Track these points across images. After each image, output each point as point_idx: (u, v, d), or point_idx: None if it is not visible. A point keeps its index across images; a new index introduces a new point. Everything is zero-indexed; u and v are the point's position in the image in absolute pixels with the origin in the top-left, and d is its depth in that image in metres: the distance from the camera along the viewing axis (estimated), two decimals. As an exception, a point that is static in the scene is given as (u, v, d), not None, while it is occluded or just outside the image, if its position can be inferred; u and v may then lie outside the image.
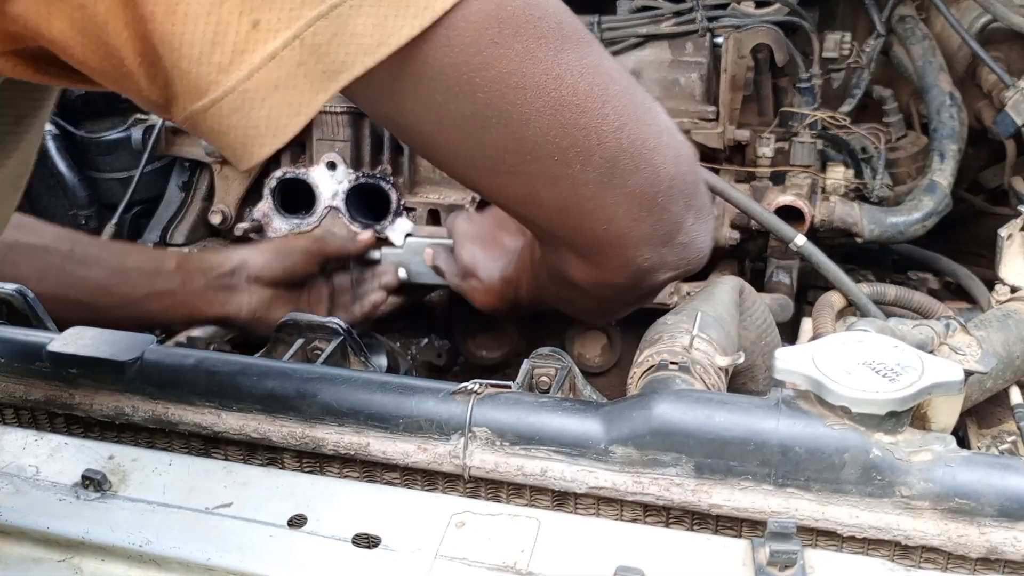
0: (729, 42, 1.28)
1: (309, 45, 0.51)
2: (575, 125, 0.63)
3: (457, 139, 0.63)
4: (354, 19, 0.52)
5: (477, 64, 0.58)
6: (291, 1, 0.50)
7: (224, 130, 0.53)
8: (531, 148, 0.63)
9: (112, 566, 0.66)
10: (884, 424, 0.60)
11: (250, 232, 1.48)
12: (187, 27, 0.49)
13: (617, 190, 0.66)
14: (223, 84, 0.51)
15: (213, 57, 0.50)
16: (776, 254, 1.34)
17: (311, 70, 0.52)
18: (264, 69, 0.51)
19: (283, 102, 0.52)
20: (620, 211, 0.68)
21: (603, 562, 0.60)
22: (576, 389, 0.80)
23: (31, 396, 0.79)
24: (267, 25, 0.50)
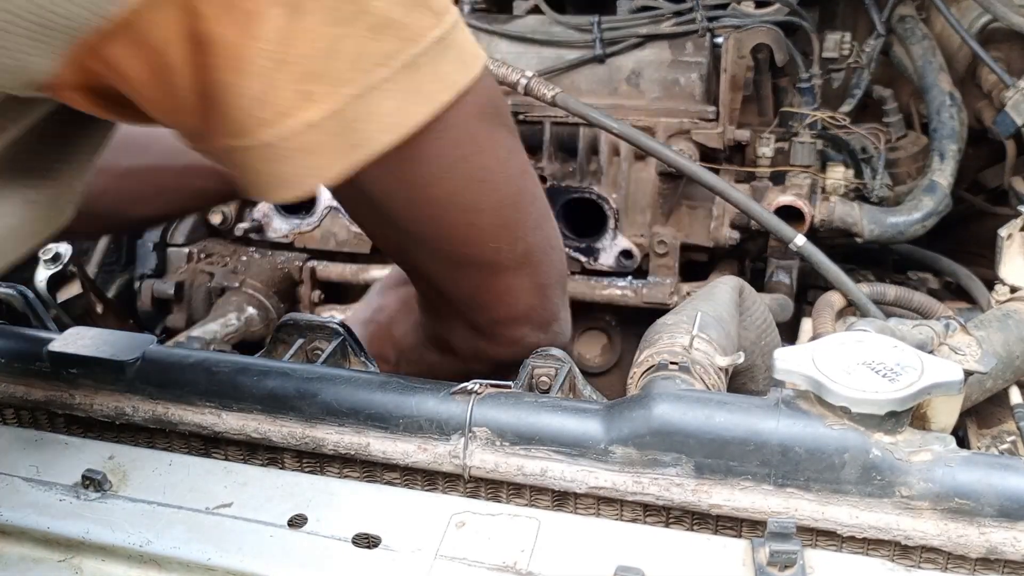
0: (729, 42, 1.28)
1: (345, 119, 0.57)
2: (512, 219, 0.72)
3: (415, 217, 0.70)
4: (382, 101, 0.58)
5: (458, 156, 0.66)
6: (337, 78, 0.56)
7: (250, 170, 0.59)
8: (475, 235, 0.71)
9: (112, 566, 0.66)
10: (884, 424, 0.60)
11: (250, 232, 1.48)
12: (243, 81, 0.54)
13: (525, 278, 0.75)
14: (261, 137, 0.56)
15: (259, 112, 0.55)
16: (776, 254, 1.34)
17: (342, 141, 0.58)
18: (303, 134, 0.56)
19: (310, 164, 0.58)
20: (523, 296, 0.76)
21: (603, 562, 0.60)
22: (576, 389, 0.80)
23: (31, 396, 0.79)
24: (316, 97, 0.56)
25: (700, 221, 1.35)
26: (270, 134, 0.56)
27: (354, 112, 0.57)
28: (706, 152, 1.31)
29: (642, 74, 1.35)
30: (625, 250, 1.35)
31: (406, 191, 0.67)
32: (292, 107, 0.55)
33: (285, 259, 1.50)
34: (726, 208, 1.30)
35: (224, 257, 1.51)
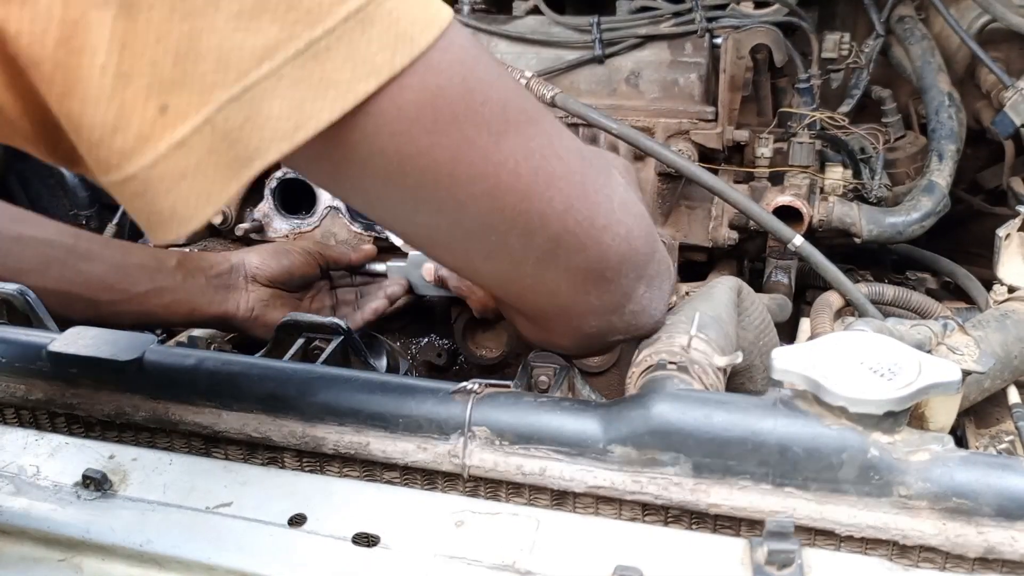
0: (728, 43, 1.28)
1: (221, 130, 0.47)
2: (515, 209, 0.61)
3: (389, 217, 0.62)
4: (268, 102, 0.48)
5: (409, 152, 0.55)
6: (201, 83, 0.46)
7: (131, 208, 0.50)
8: (466, 229, 0.61)
9: (112, 565, 0.66)
10: (882, 424, 0.61)
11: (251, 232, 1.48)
12: (86, 110, 0.45)
13: (560, 267, 0.65)
14: (125, 169, 0.47)
15: (115, 143, 0.46)
16: (775, 254, 1.34)
17: (222, 157, 0.48)
18: (171, 158, 0.47)
19: (191, 191, 0.48)
20: (563, 285, 0.67)
21: (602, 561, 0.60)
22: (575, 389, 0.80)
23: (32, 396, 0.79)
24: (176, 109, 0.46)
25: (699, 221, 1.35)
26: (133, 165, 0.47)
27: (230, 120, 0.47)
28: (705, 152, 1.31)
29: (641, 75, 1.35)
30: (624, 250, 1.35)
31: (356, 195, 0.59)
32: (151, 127, 0.46)
33: (285, 259, 1.50)
34: (725, 208, 1.30)
35: (224, 257, 1.51)
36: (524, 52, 1.40)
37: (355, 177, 0.56)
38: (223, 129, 0.47)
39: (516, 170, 0.59)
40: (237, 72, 0.47)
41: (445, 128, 0.55)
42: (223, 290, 1.13)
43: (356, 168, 0.55)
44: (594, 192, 0.65)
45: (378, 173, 0.56)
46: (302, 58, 0.48)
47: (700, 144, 1.30)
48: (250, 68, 0.47)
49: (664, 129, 1.32)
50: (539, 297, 0.67)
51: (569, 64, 1.37)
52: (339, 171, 0.56)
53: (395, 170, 0.55)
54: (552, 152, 0.62)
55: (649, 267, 0.72)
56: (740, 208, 1.19)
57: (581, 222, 0.64)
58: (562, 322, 0.71)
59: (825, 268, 1.13)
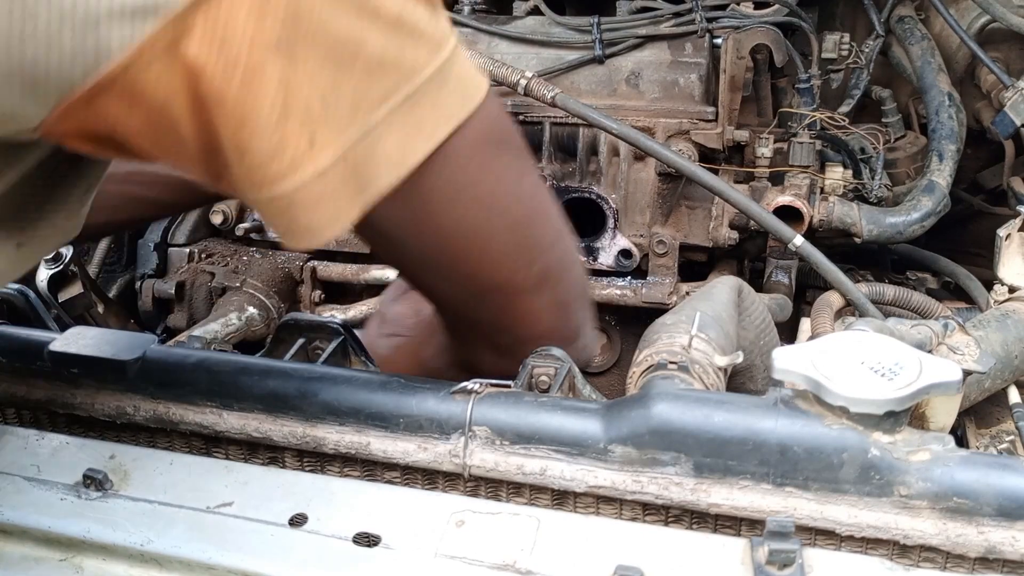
0: (728, 43, 1.28)
1: (351, 164, 0.57)
2: (526, 241, 0.71)
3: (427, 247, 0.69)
4: (384, 139, 0.58)
5: (465, 183, 0.66)
6: (339, 122, 0.56)
7: (273, 219, 0.59)
8: (489, 259, 0.70)
9: (113, 565, 0.66)
10: (882, 424, 0.61)
11: (251, 232, 1.49)
12: (254, 139, 0.53)
13: (546, 297, 0.74)
14: (274, 189, 0.56)
15: (271, 167, 0.55)
16: (775, 254, 1.34)
17: (351, 186, 0.58)
18: (313, 184, 0.56)
19: (325, 212, 0.58)
20: (544, 316, 0.75)
21: (602, 561, 0.60)
22: (576, 388, 0.80)
23: (32, 396, 0.79)
24: (320, 143, 0.55)
25: (699, 221, 1.35)
26: (283, 187, 0.56)
27: (359, 154, 0.57)
28: (705, 152, 1.31)
29: (641, 75, 1.35)
30: (624, 250, 1.35)
31: (415, 223, 0.67)
32: (301, 157, 0.55)
33: (286, 259, 1.50)
34: (725, 208, 1.31)
35: (225, 257, 1.51)
36: (524, 52, 1.40)
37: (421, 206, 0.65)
38: (353, 163, 0.57)
39: (531, 204, 0.71)
40: (365, 115, 0.57)
41: (491, 162, 0.67)
42: None
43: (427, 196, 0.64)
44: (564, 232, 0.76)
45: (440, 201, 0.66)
46: (407, 104, 0.58)
47: (700, 144, 1.31)
48: (373, 112, 0.57)
49: (664, 129, 1.32)
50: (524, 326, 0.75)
51: (569, 64, 1.37)
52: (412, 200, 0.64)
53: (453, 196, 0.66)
54: (545, 192, 0.75)
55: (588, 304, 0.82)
56: (740, 208, 1.19)
57: (560, 257, 0.75)
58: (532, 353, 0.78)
59: (825, 268, 1.13)
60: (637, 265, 1.36)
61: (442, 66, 0.60)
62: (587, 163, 1.35)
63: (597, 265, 1.36)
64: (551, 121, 1.34)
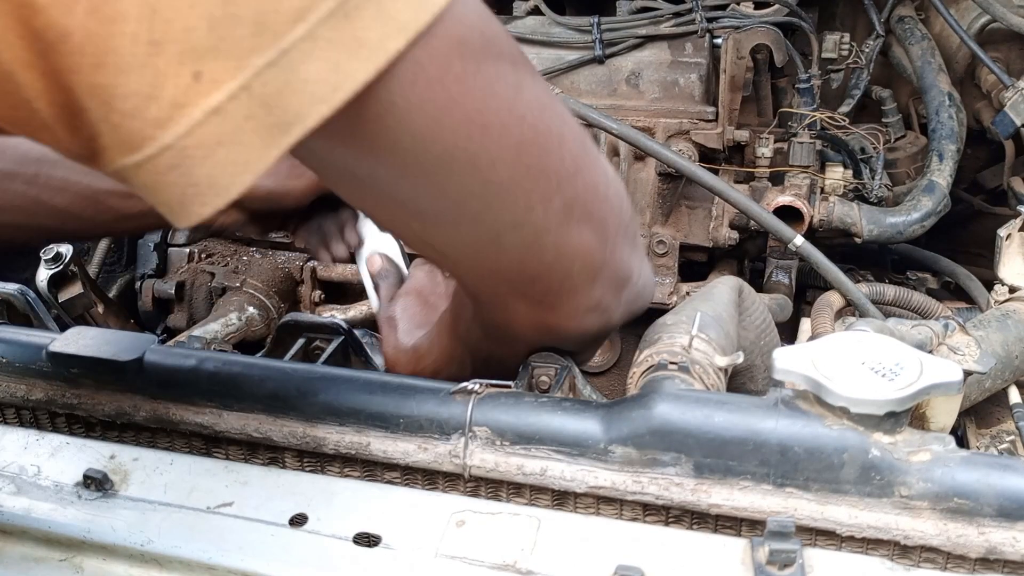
0: (728, 43, 1.28)
1: (258, 96, 0.46)
2: (538, 167, 0.60)
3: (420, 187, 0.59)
4: (305, 65, 0.47)
5: (443, 102, 0.54)
6: (238, 48, 0.45)
7: (160, 187, 0.48)
8: (496, 192, 0.60)
9: (113, 565, 0.66)
10: (883, 424, 0.61)
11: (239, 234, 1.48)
12: (119, 79, 0.44)
13: (575, 235, 0.64)
14: (160, 140, 0.46)
15: (149, 111, 0.45)
16: (775, 254, 1.34)
17: (261, 123, 0.47)
18: (207, 124, 0.46)
19: (228, 159, 0.47)
20: (578, 256, 0.66)
21: (603, 561, 0.60)
22: (576, 389, 0.80)
23: (32, 396, 0.79)
24: (211, 76, 0.45)
25: (699, 221, 1.35)
26: (167, 135, 0.45)
27: (269, 84, 0.46)
28: (705, 152, 1.31)
29: (641, 75, 1.35)
30: (625, 250, 1.35)
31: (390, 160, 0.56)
32: (185, 94, 0.45)
33: (286, 259, 1.50)
34: (725, 208, 1.31)
35: (225, 257, 1.51)
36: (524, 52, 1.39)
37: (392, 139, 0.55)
38: (261, 94, 0.47)
39: (535, 125, 0.59)
40: (273, 35, 0.46)
41: (473, 76, 0.54)
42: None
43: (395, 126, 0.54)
44: (593, 159, 0.65)
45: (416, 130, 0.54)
46: (334, 18, 0.47)
47: (700, 144, 1.31)
48: (286, 31, 0.46)
49: (664, 129, 1.32)
50: (555, 271, 0.66)
51: (569, 64, 1.37)
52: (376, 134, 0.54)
53: (433, 123, 0.54)
54: (557, 112, 0.62)
55: (639, 241, 0.72)
56: (741, 208, 1.19)
57: (587, 186, 0.64)
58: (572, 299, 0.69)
59: (826, 268, 1.13)
60: (637, 265, 1.36)
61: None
62: (587, 163, 1.35)
63: (597, 265, 1.36)
64: (551, 121, 1.34)
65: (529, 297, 0.69)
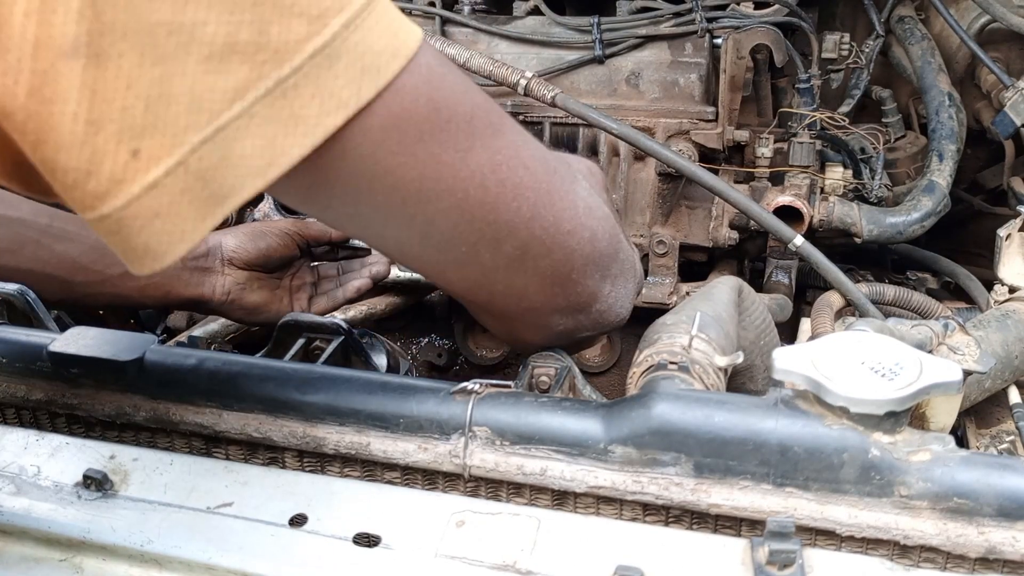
0: (728, 43, 1.28)
1: (194, 171, 0.49)
2: (484, 220, 0.62)
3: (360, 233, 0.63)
4: (240, 141, 0.49)
5: (376, 172, 0.56)
6: (174, 126, 0.47)
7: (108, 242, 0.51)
8: (436, 243, 0.63)
9: (113, 565, 0.66)
10: (883, 424, 0.61)
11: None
12: (59, 155, 0.46)
13: (528, 272, 0.67)
14: (99, 210, 0.48)
15: (88, 185, 0.47)
16: (775, 254, 1.34)
17: (196, 196, 0.49)
18: (144, 198, 0.48)
19: (164, 229, 0.50)
20: (531, 289, 0.68)
21: (603, 561, 0.60)
22: (576, 389, 0.80)
23: (32, 396, 0.79)
24: (148, 153, 0.47)
25: (699, 221, 1.35)
26: (107, 207, 0.48)
27: (204, 161, 0.48)
28: (705, 152, 1.31)
29: (641, 75, 1.35)
30: (625, 250, 1.35)
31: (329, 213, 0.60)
32: (123, 171, 0.47)
33: (285, 259, 1.50)
34: (725, 208, 1.31)
35: (224, 257, 1.51)
36: (524, 52, 1.40)
37: (326, 200, 0.58)
38: (196, 169, 0.48)
39: (483, 183, 0.61)
40: (209, 114, 0.48)
41: (411, 148, 0.56)
42: (199, 273, 1.10)
43: (326, 192, 0.57)
44: (559, 198, 0.67)
45: (348, 195, 0.57)
46: (271, 96, 0.49)
47: (700, 144, 1.30)
48: (222, 109, 0.48)
49: (664, 129, 1.32)
50: (508, 300, 0.69)
51: (569, 64, 1.37)
52: (311, 196, 0.57)
53: (364, 189, 0.57)
54: (518, 162, 0.63)
55: (613, 267, 0.74)
56: (740, 208, 1.19)
57: (547, 228, 0.66)
58: (530, 322, 0.72)
59: (826, 268, 1.13)
60: (637, 265, 1.36)
61: (332, 40, 0.50)
62: (587, 163, 1.35)
63: (597, 265, 1.36)
64: (551, 121, 1.34)
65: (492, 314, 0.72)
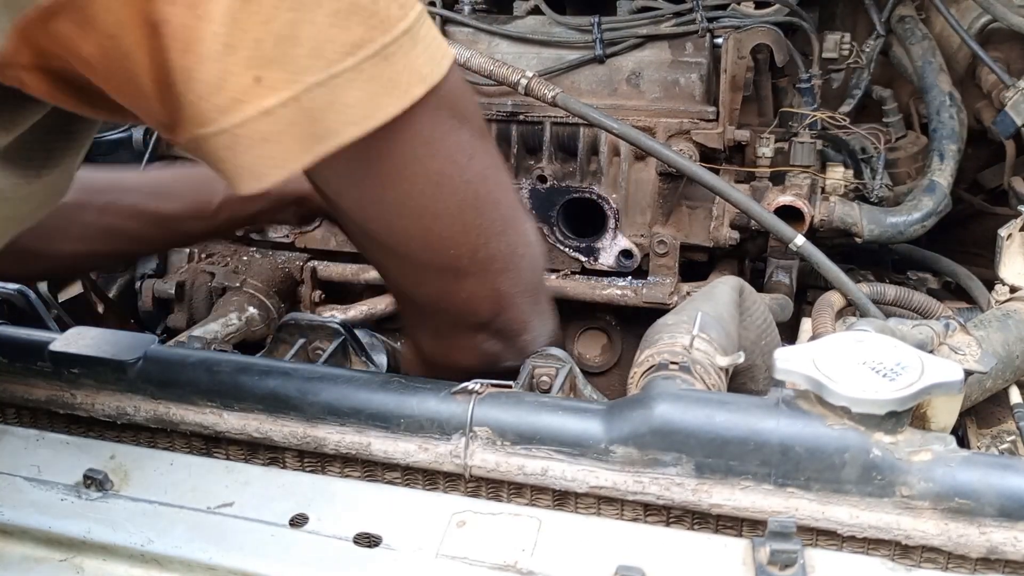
0: (729, 42, 1.28)
1: (305, 108, 0.55)
2: (472, 225, 0.69)
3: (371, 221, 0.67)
4: (348, 91, 0.56)
5: (422, 152, 0.64)
6: (295, 65, 0.54)
7: (218, 160, 0.57)
8: (433, 241, 0.69)
9: (114, 565, 0.66)
10: (884, 424, 0.61)
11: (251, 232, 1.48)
12: (198, 66, 0.52)
13: (487, 286, 0.73)
14: (220, 123, 0.54)
15: (215, 98, 0.53)
16: (776, 254, 1.34)
17: (302, 131, 0.56)
18: (258, 121, 0.54)
19: (268, 154, 0.56)
20: (485, 304, 0.74)
21: (604, 561, 0.60)
22: (576, 389, 0.80)
23: (33, 396, 0.79)
24: (269, 83, 0.53)
25: (700, 221, 1.35)
26: (226, 121, 0.54)
27: (315, 101, 0.55)
28: (706, 152, 1.31)
29: (642, 74, 1.35)
30: (625, 250, 1.35)
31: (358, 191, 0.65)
32: (246, 94, 0.53)
33: (286, 259, 1.50)
34: (726, 208, 1.30)
35: (225, 257, 1.51)
36: (525, 52, 1.39)
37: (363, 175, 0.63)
38: (307, 107, 0.55)
39: (478, 190, 0.69)
40: (327, 61, 0.54)
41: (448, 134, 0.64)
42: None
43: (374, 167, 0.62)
44: (518, 223, 0.74)
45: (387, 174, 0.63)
46: (377, 57, 0.56)
47: (701, 144, 1.30)
48: (338, 60, 0.55)
49: (665, 129, 1.32)
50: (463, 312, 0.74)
51: (570, 64, 1.37)
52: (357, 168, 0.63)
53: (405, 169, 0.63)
54: (499, 178, 0.72)
55: (541, 302, 0.80)
56: (741, 208, 1.19)
57: (509, 245, 0.73)
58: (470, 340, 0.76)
59: (827, 268, 1.13)
60: (638, 265, 1.36)
61: (413, 25, 0.58)
62: (588, 163, 1.35)
63: (598, 265, 1.36)
64: (552, 121, 1.34)
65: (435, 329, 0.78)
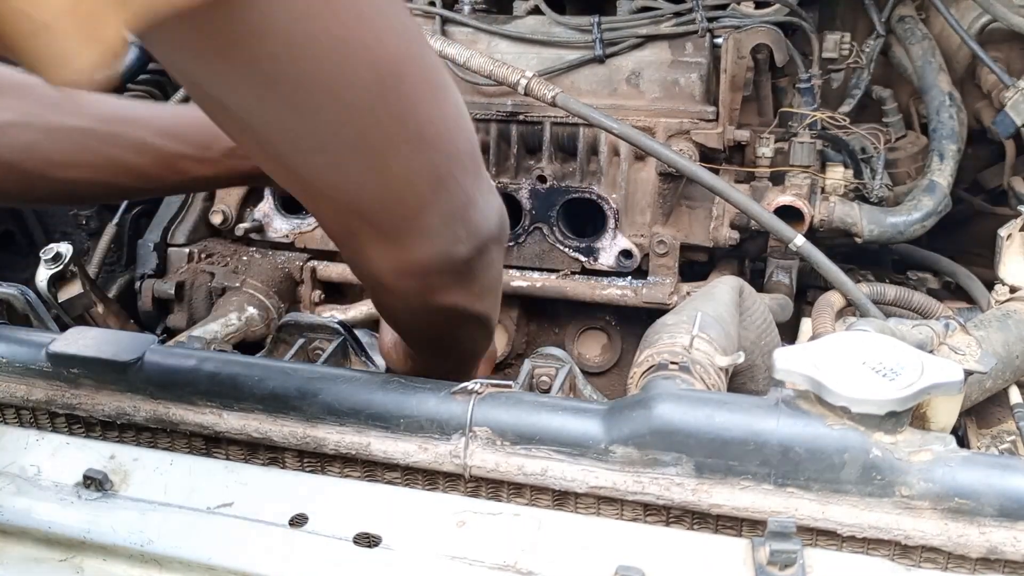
0: (729, 42, 1.28)
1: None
2: (394, 91, 0.61)
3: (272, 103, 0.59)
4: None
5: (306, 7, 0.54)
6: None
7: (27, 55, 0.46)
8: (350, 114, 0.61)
9: (113, 565, 0.66)
10: (884, 424, 0.61)
11: (251, 232, 1.48)
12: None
13: (423, 159, 0.66)
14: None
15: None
16: (776, 254, 1.34)
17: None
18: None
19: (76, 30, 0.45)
20: (422, 180, 0.67)
21: (603, 561, 0.60)
22: (576, 389, 0.80)
23: (32, 396, 0.79)
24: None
25: (700, 221, 1.35)
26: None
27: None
28: (706, 152, 1.31)
29: (642, 74, 1.35)
30: (625, 250, 1.35)
31: (242, 68, 0.56)
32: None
33: (285, 259, 1.50)
34: (726, 208, 1.30)
35: (225, 257, 1.51)
36: (525, 52, 1.39)
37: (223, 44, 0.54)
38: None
39: (396, 50, 0.61)
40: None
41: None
42: None
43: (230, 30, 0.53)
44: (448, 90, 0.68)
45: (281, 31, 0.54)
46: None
47: (701, 144, 1.30)
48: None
49: (665, 129, 1.32)
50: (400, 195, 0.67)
51: (570, 64, 1.37)
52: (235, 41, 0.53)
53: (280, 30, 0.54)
54: (414, 40, 0.64)
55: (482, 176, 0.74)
56: (741, 208, 1.19)
57: (442, 114, 0.66)
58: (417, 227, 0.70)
59: (826, 268, 1.13)
60: (638, 265, 1.36)
61: None
62: (588, 163, 1.35)
63: (598, 265, 1.36)
64: (551, 121, 1.34)
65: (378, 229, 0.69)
